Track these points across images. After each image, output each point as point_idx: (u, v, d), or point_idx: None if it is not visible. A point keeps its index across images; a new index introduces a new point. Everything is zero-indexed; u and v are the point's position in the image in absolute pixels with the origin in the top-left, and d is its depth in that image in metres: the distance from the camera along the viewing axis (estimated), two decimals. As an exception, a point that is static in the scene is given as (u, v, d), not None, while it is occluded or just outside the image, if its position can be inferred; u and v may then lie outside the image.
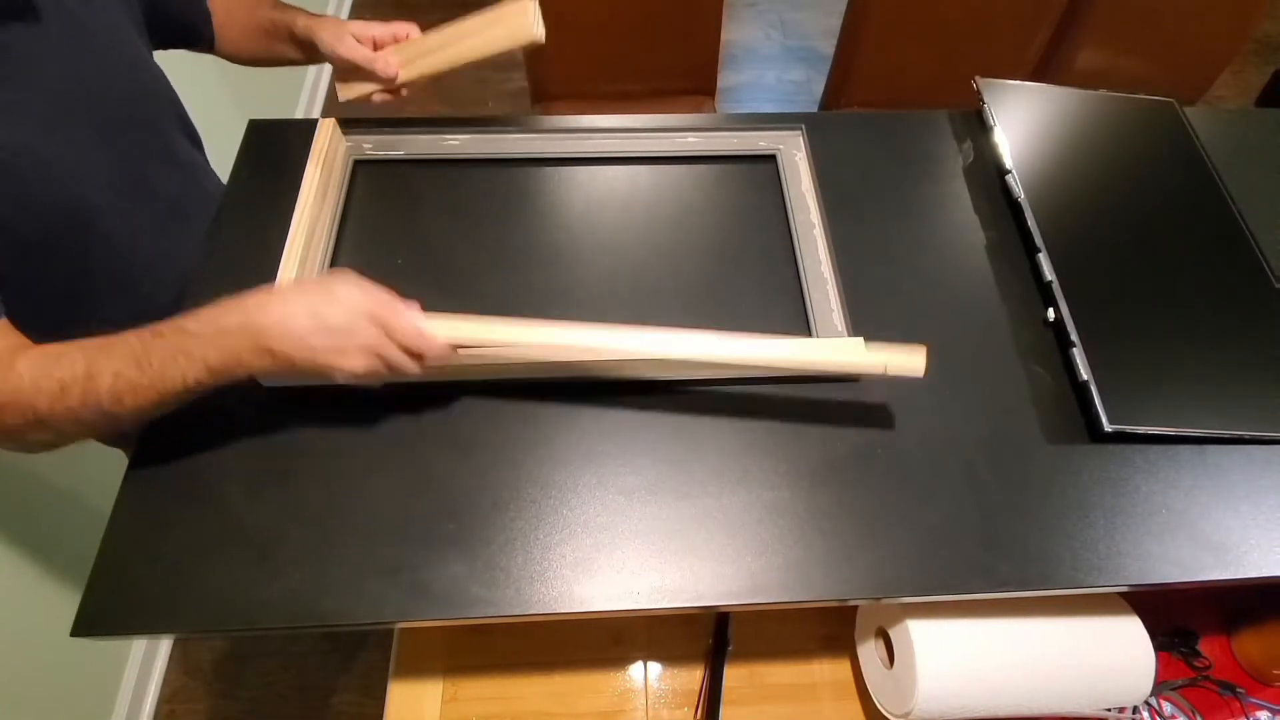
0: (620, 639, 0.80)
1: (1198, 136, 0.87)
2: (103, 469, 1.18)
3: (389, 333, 0.54)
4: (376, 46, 0.75)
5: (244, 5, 0.79)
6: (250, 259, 0.73)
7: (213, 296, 0.72)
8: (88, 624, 0.55)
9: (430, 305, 0.71)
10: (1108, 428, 0.63)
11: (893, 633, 0.68)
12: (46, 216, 0.60)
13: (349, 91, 0.77)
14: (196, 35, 0.77)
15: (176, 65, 0.78)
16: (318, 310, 0.53)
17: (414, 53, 0.75)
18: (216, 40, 0.79)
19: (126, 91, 0.66)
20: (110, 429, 0.55)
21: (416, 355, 0.56)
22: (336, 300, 0.53)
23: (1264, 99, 1.85)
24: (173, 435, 0.63)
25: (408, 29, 0.76)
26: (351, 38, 0.74)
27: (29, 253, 0.60)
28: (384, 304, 0.54)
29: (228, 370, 0.53)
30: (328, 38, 0.74)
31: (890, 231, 0.78)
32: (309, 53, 0.78)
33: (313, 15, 0.77)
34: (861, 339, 0.64)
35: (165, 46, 0.76)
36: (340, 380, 0.54)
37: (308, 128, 0.78)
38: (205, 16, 0.77)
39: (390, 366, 0.55)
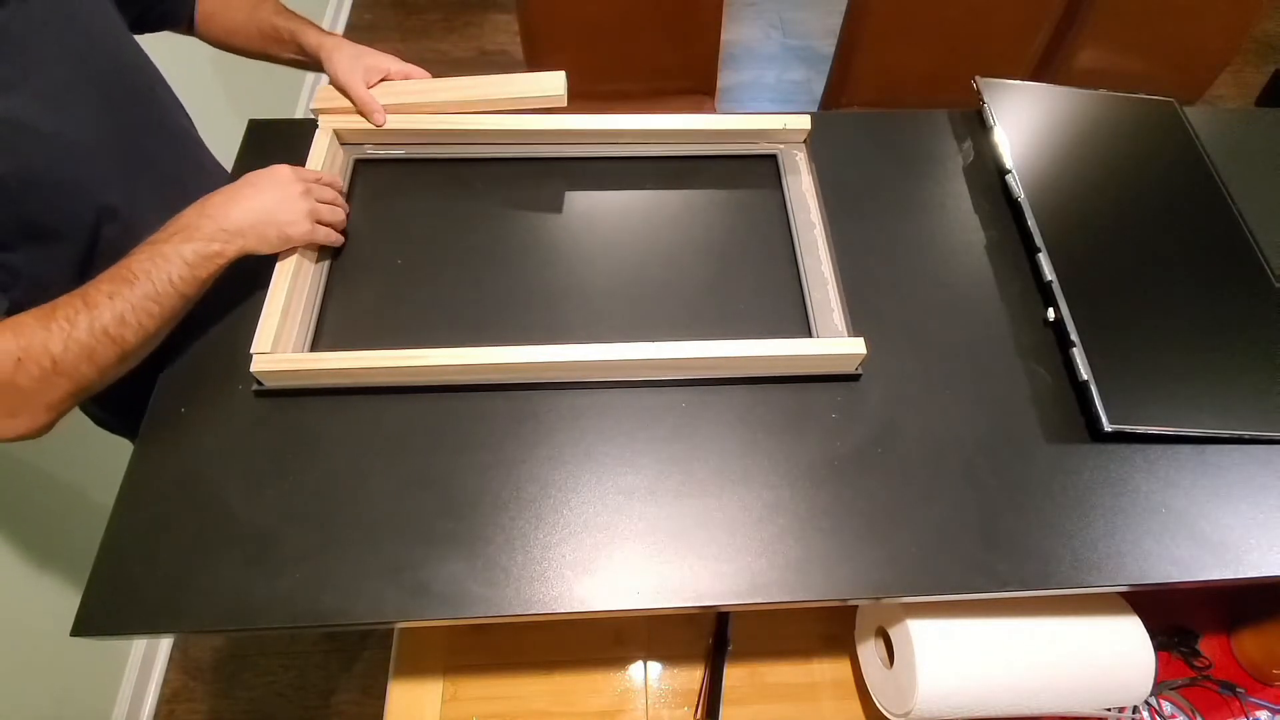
0: (620, 639, 0.80)
1: (1198, 136, 0.87)
2: (103, 468, 1.19)
3: (302, 176, 0.67)
4: (386, 78, 0.77)
5: (243, 3, 0.79)
6: (249, 258, 0.72)
7: (212, 294, 0.73)
8: (88, 624, 0.55)
9: (430, 305, 0.72)
10: (1108, 427, 0.63)
11: (893, 633, 0.68)
12: (52, 191, 0.61)
13: (327, 108, 0.78)
14: (174, 17, 0.78)
15: (171, 63, 0.78)
16: (254, 188, 0.64)
17: (419, 89, 0.77)
18: (200, 25, 0.79)
19: (115, 65, 0.67)
20: (120, 361, 0.58)
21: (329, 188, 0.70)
22: (261, 178, 0.65)
23: (1264, 99, 1.86)
24: (173, 435, 0.63)
25: (422, 73, 0.78)
26: (363, 75, 0.75)
27: (39, 231, 0.61)
28: (288, 168, 0.67)
29: (205, 260, 0.60)
30: (341, 69, 0.75)
31: (890, 231, 0.78)
32: (308, 65, 0.79)
33: (325, 33, 0.78)
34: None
35: (142, 28, 0.76)
36: (304, 232, 0.66)
37: (308, 127, 0.78)
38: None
39: (327, 205, 0.69)
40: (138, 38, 0.73)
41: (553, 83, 0.75)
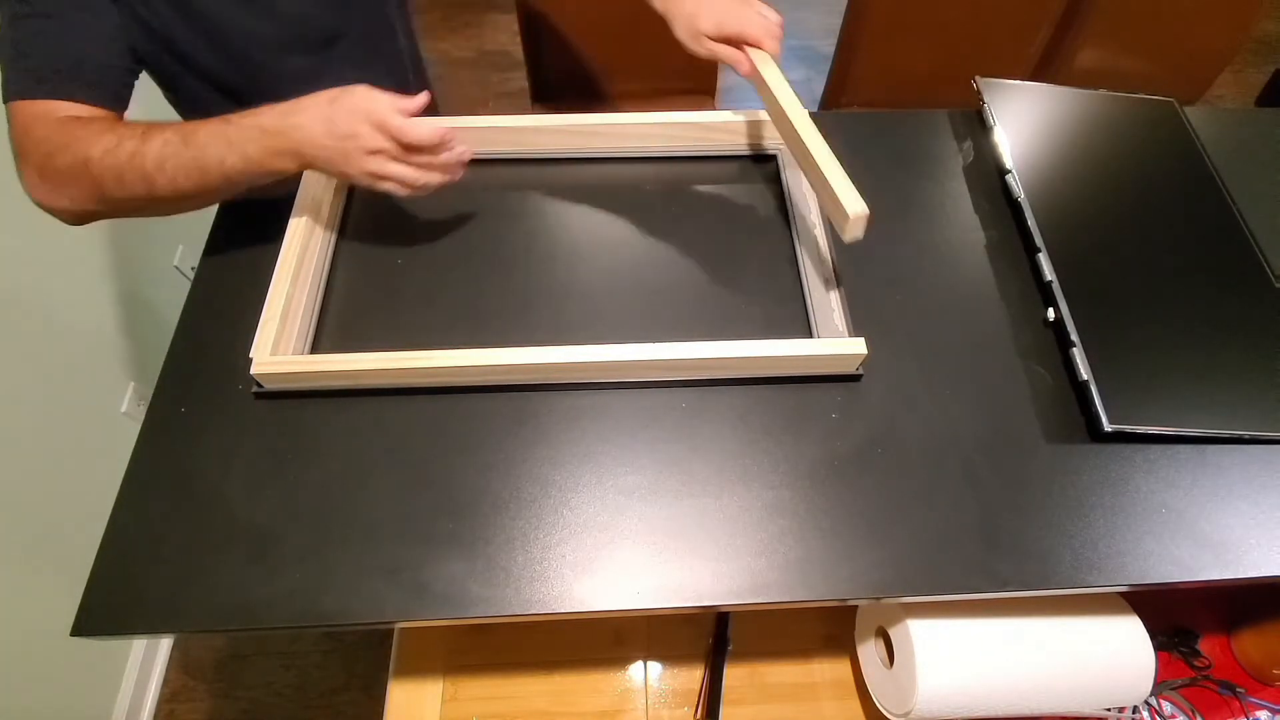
0: (620, 639, 0.80)
1: (1198, 136, 0.87)
2: (102, 467, 1.19)
3: (390, 134, 0.59)
4: (730, 42, 0.73)
5: None
6: (249, 256, 0.73)
7: (212, 294, 0.73)
8: (88, 624, 0.55)
9: (430, 306, 0.72)
10: (1108, 427, 0.63)
11: (893, 632, 0.68)
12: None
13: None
14: None
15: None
16: (330, 117, 0.58)
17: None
18: None
19: None
20: (148, 198, 0.61)
21: (416, 150, 0.60)
22: (345, 108, 0.59)
23: (1264, 99, 1.86)
24: (173, 435, 0.63)
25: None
26: (705, 37, 0.72)
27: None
28: (384, 108, 0.58)
29: (261, 166, 0.60)
30: (683, 29, 0.74)
31: (890, 231, 0.78)
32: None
33: None
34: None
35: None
36: (365, 183, 0.61)
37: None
38: None
39: (397, 166, 0.60)
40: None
41: (856, 221, 0.64)
